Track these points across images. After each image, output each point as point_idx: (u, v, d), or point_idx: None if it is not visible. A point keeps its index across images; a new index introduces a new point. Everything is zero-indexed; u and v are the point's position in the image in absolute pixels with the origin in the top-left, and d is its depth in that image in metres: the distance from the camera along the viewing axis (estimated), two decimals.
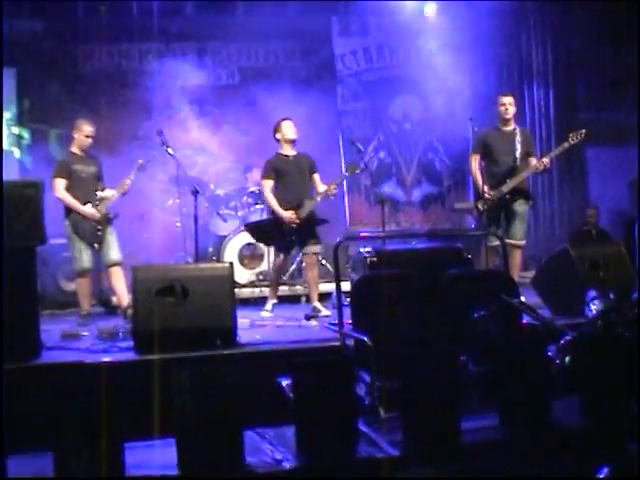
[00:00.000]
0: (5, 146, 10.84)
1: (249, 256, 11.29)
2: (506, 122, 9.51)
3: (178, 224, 10.89)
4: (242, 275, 11.02)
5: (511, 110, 9.50)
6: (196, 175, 10.98)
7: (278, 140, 9.56)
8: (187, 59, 12.43)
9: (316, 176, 9.51)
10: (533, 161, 9.43)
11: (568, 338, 5.34)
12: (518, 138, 9.38)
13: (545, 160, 9.25)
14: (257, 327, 8.65)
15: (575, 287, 7.66)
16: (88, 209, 8.88)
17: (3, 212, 6.56)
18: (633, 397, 5.10)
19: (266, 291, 10.75)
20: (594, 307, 5.66)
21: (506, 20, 13.76)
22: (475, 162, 9.51)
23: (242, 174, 12.03)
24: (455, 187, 13.62)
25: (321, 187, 9.40)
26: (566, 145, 9.38)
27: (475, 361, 5.60)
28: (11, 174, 10.36)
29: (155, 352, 6.82)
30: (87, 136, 9.10)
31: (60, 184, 8.91)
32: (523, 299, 8.29)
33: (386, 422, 5.44)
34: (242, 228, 10.91)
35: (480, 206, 9.37)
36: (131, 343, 7.22)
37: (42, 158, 10.47)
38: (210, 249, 11.45)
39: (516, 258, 9.26)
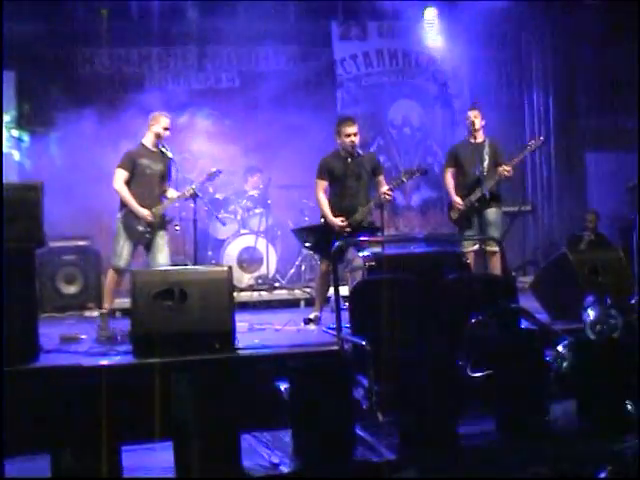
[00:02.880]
0: (4, 149, 10.82)
1: (248, 260, 11.30)
2: (474, 135, 9.69)
3: (177, 227, 10.88)
4: (241, 279, 11.03)
5: (477, 123, 9.65)
6: (195, 179, 10.96)
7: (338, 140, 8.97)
8: (187, 63, 12.45)
9: (380, 178, 9.02)
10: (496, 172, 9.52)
11: (566, 343, 5.34)
12: (486, 150, 9.56)
13: (507, 168, 9.36)
14: (256, 331, 8.64)
15: (573, 292, 7.66)
16: (142, 210, 8.51)
17: (3, 214, 6.56)
18: (630, 401, 5.11)
19: (265, 294, 10.77)
20: (592, 312, 5.66)
21: (506, 24, 13.79)
22: (448, 175, 9.85)
23: (242, 178, 12.03)
24: None
25: (382, 190, 8.85)
26: (526, 152, 9.83)
27: (473, 365, 5.61)
28: (10, 176, 10.35)
29: (154, 356, 6.81)
30: (165, 128, 8.71)
31: (120, 175, 8.54)
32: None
33: (384, 426, 5.45)
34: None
35: (452, 215, 9.80)
36: (130, 347, 7.22)
37: (41, 161, 10.45)
38: (209, 253, 11.46)
39: (495, 263, 9.24)
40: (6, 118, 11.16)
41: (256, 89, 12.02)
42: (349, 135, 8.83)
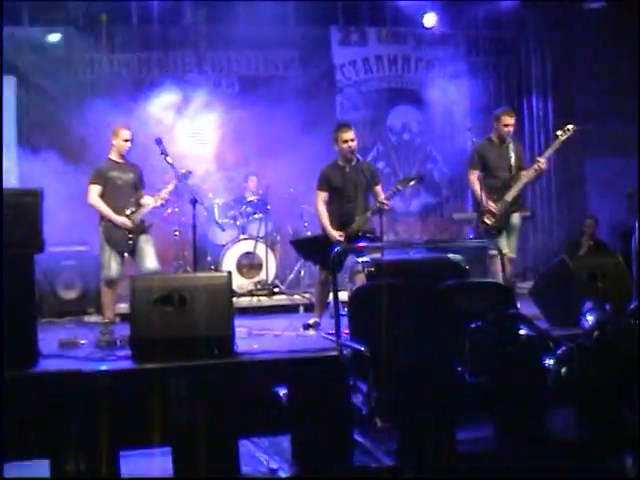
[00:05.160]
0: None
1: (247, 265, 11.31)
2: (503, 138, 9.38)
3: (177, 233, 10.90)
4: (240, 284, 11.03)
5: (512, 128, 9.38)
6: (195, 184, 10.96)
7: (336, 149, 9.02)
8: (187, 68, 12.46)
9: (378, 188, 9.00)
10: (525, 171, 9.27)
11: (565, 349, 5.34)
12: (512, 150, 9.33)
13: (541, 160, 9.16)
14: (255, 336, 8.66)
15: (572, 298, 7.66)
16: (120, 218, 8.69)
17: (2, 220, 6.57)
18: (629, 408, 5.10)
19: (264, 300, 10.78)
20: (591, 318, 5.66)
21: (505, 30, 13.82)
22: (474, 178, 9.33)
23: (241, 183, 12.04)
24: (454, 197, 13.66)
25: (379, 199, 8.88)
26: (557, 143, 9.25)
27: (472, 371, 5.61)
28: (10, 182, 10.35)
29: (153, 361, 6.82)
30: (125, 140, 8.90)
31: (94, 190, 8.75)
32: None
33: (382, 432, 5.45)
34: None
35: (487, 220, 9.20)
36: (129, 352, 7.22)
37: (41, 166, 10.43)
38: (209, 258, 11.47)
39: (508, 269, 9.20)
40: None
41: (255, 94, 12.01)
42: (346, 141, 8.85)
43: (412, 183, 9.20)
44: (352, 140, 8.89)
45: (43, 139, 10.95)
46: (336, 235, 8.79)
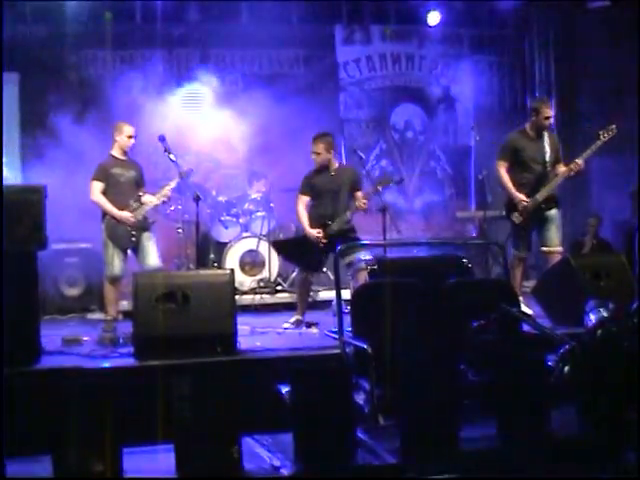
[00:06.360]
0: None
1: (250, 263, 11.30)
2: (540, 129, 9.14)
3: (180, 230, 10.91)
4: (243, 282, 11.03)
5: (551, 119, 9.23)
6: (198, 182, 10.97)
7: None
8: (190, 65, 12.46)
9: (358, 194, 9.13)
10: (562, 166, 9.08)
11: (567, 347, 5.34)
12: (547, 142, 9.11)
13: (579, 162, 8.89)
14: (257, 334, 8.66)
15: (575, 297, 7.64)
16: (122, 213, 8.69)
17: (4, 217, 6.58)
18: (632, 407, 5.10)
19: (267, 298, 10.79)
20: (594, 317, 5.65)
21: (509, 29, 13.81)
22: (503, 170, 9.14)
23: (246, 182, 12.02)
24: (457, 196, 13.64)
25: (358, 198, 9.07)
26: (599, 143, 8.96)
27: (474, 370, 5.61)
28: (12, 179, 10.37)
29: (155, 358, 6.83)
30: (129, 137, 8.94)
31: (96, 187, 8.77)
32: (525, 308, 8.36)
33: (385, 430, 5.45)
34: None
35: (515, 219, 9.07)
36: (131, 349, 7.23)
37: (43, 163, 10.43)
38: (211, 256, 11.47)
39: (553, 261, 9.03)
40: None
41: (259, 92, 12.00)
42: (312, 153, 9.15)
43: (391, 184, 9.30)
44: (317, 154, 9.12)
45: (45, 135, 10.92)
46: (314, 233, 8.99)
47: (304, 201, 9.21)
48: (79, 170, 9.46)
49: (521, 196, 8.99)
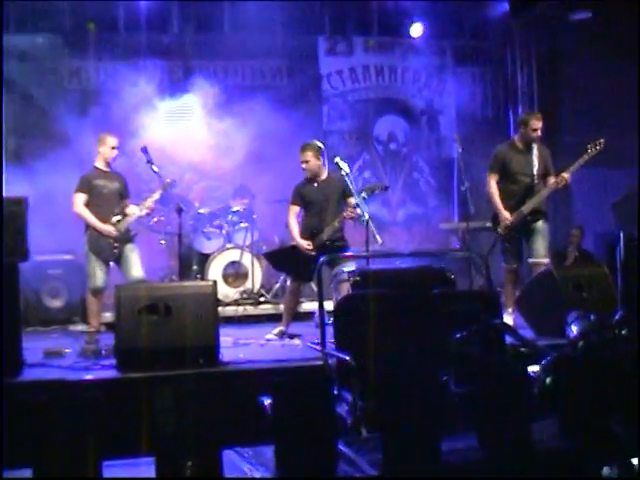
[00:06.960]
0: None
1: (233, 274, 11.29)
2: (528, 141, 9.22)
3: (162, 242, 10.89)
4: (226, 293, 11.02)
5: (539, 131, 9.21)
6: (181, 193, 10.97)
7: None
8: (173, 77, 12.45)
9: (350, 200, 9.02)
10: (551, 179, 9.16)
11: (549, 359, 5.34)
12: (535, 155, 9.17)
13: (565, 175, 8.99)
14: (240, 345, 8.65)
15: (557, 308, 7.68)
16: (104, 226, 8.69)
17: None
18: (613, 418, 5.11)
19: (250, 309, 10.77)
20: (575, 328, 5.66)
21: (491, 41, 13.87)
22: (493, 182, 9.27)
23: (229, 194, 12.00)
24: (440, 207, 13.66)
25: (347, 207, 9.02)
26: (586, 157, 9.07)
27: (457, 381, 5.61)
28: None
29: (138, 370, 6.81)
30: (113, 148, 8.94)
31: (79, 199, 8.77)
32: (508, 319, 8.37)
33: (367, 442, 5.44)
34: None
35: (500, 231, 9.20)
36: (114, 361, 7.21)
37: (26, 174, 10.39)
38: (194, 267, 11.45)
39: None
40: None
41: (242, 103, 12.00)
42: (302, 162, 9.14)
43: (377, 192, 9.30)
44: (306, 162, 9.12)
45: (29, 147, 10.90)
46: (304, 244, 9.05)
47: (295, 211, 9.28)
48: (61, 181, 9.43)
49: (505, 214, 9.13)
